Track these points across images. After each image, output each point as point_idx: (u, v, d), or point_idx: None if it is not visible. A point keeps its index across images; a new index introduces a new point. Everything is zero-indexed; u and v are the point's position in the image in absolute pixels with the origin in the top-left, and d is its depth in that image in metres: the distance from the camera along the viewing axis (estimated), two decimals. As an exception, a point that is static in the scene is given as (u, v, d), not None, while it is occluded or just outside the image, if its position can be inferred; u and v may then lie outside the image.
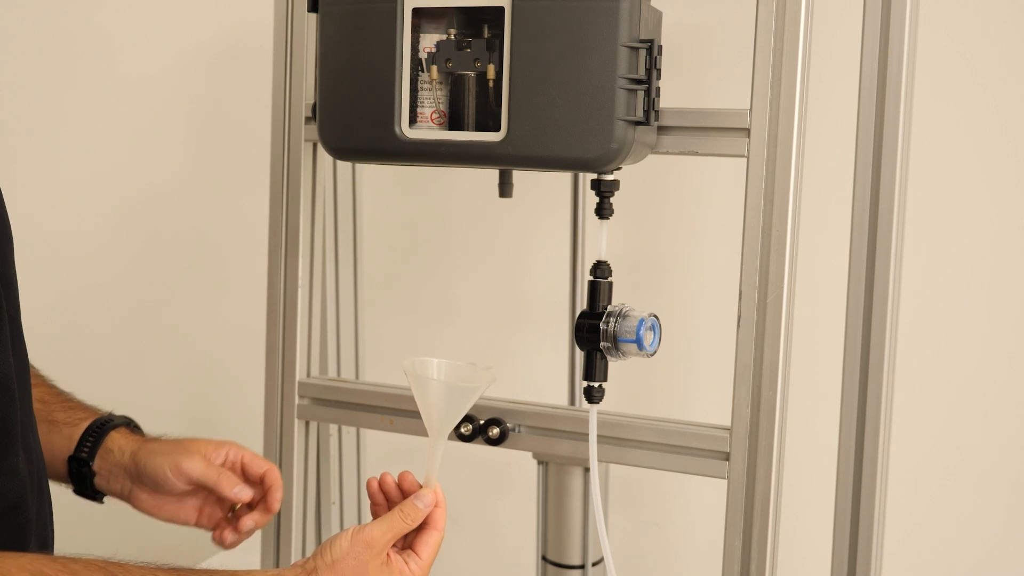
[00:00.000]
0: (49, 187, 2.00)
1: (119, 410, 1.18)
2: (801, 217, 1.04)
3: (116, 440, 1.12)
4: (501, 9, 1.02)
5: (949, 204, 1.51)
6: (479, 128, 1.06)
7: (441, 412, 0.94)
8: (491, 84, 1.05)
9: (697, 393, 1.65)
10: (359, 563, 0.87)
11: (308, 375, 1.30)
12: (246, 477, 1.13)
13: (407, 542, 0.92)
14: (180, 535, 2.00)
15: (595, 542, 1.32)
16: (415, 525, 0.91)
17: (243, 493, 1.10)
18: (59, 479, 1.13)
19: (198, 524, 1.15)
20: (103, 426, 1.13)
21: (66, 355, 1.91)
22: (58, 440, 1.12)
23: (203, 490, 1.12)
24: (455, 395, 0.93)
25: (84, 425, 1.12)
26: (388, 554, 0.89)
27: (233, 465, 1.13)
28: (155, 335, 2.00)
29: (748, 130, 1.03)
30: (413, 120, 1.08)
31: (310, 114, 1.24)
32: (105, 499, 1.15)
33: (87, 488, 1.13)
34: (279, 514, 1.32)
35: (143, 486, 1.12)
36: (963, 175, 1.50)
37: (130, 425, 1.16)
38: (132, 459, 1.11)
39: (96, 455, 1.11)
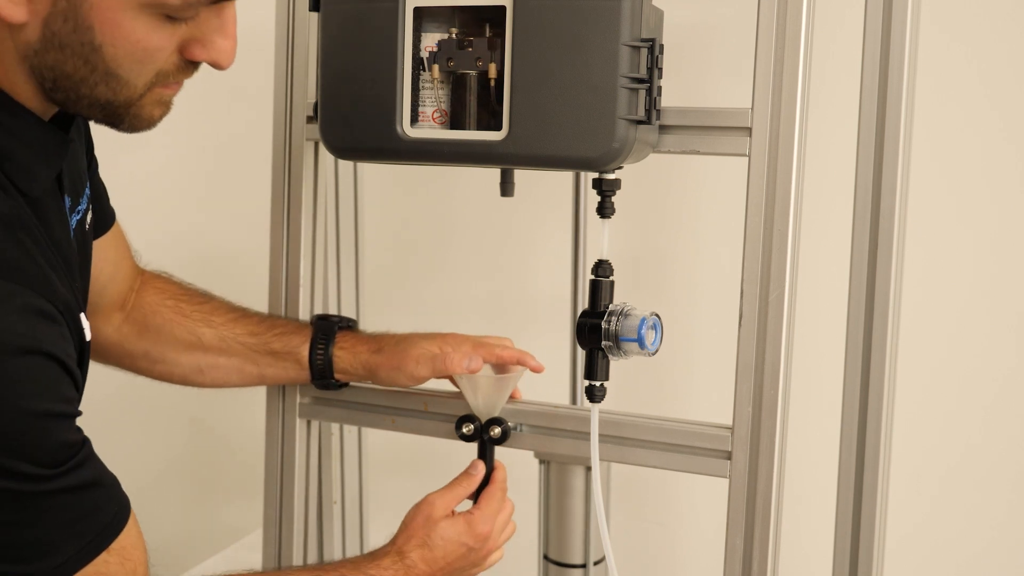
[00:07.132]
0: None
1: (120, 406, 1.18)
2: (802, 216, 1.04)
3: (344, 359, 1.21)
4: (502, 8, 1.02)
5: (951, 203, 1.51)
6: (480, 127, 1.06)
7: (489, 402, 1.15)
8: (492, 83, 1.05)
9: (698, 392, 1.65)
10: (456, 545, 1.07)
11: (310, 374, 1.30)
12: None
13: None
14: (170, 538, 2.00)
15: (597, 541, 1.32)
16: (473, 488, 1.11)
17: (474, 363, 1.14)
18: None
19: None
20: (324, 345, 1.21)
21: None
22: (292, 369, 1.22)
23: None
24: (498, 385, 1.14)
25: (305, 349, 1.21)
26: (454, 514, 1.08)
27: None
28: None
29: (750, 129, 1.03)
30: (415, 119, 1.08)
31: (312, 113, 1.24)
32: None
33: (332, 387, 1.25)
34: (280, 514, 1.32)
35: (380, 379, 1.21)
36: (964, 174, 1.50)
37: (341, 327, 1.22)
38: (365, 368, 1.20)
39: (333, 374, 1.22)
